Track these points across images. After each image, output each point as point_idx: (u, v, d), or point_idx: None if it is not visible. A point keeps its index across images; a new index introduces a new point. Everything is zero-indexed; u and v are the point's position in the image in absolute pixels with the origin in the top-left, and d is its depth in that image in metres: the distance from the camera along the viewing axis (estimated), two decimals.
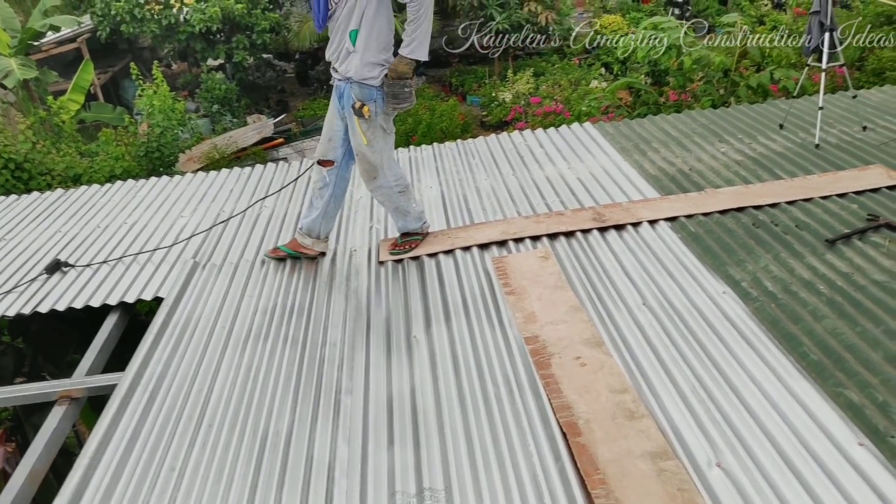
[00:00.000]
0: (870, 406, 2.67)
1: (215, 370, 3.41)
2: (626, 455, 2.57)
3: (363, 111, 3.82)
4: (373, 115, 3.85)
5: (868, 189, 4.28)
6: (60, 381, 3.70)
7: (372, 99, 3.85)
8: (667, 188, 4.68)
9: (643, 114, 8.93)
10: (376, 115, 3.87)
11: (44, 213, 5.71)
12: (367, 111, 3.82)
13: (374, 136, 3.92)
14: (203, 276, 4.30)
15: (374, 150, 3.95)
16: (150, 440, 3.00)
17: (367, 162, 3.99)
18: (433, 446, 2.76)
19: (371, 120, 3.86)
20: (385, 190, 4.09)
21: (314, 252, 4.31)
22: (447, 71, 16.78)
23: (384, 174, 4.03)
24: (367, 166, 4.01)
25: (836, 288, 3.38)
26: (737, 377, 2.90)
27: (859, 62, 11.58)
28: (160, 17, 13.77)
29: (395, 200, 4.14)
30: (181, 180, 6.04)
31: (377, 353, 3.38)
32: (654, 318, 3.34)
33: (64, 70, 14.72)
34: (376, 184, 4.07)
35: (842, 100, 6.02)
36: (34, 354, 5.74)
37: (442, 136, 11.86)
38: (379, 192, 4.12)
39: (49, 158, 9.37)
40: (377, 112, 3.87)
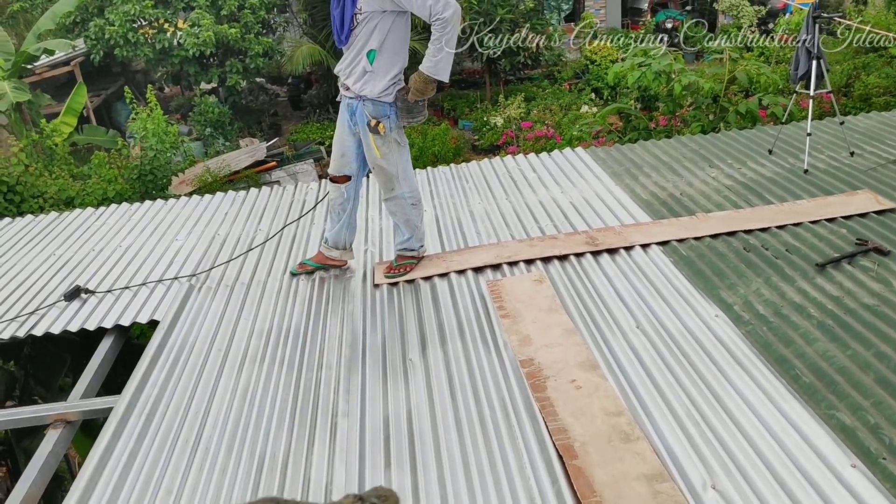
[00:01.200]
0: (862, 428, 2.70)
1: (212, 393, 3.42)
2: (622, 478, 2.59)
3: (378, 128, 3.87)
4: (387, 131, 3.91)
5: (856, 214, 4.35)
6: (55, 404, 3.70)
7: (386, 115, 3.90)
8: (658, 213, 4.73)
9: (634, 139, 9.02)
10: (391, 131, 3.93)
11: (37, 236, 5.71)
12: (383, 128, 3.88)
13: (389, 150, 3.98)
14: (199, 299, 4.31)
15: (389, 163, 4.02)
16: (147, 463, 3.00)
17: (385, 174, 4.06)
18: (430, 469, 2.77)
19: (386, 135, 3.92)
20: (399, 201, 4.15)
21: (342, 263, 4.40)
22: (439, 95, 16.90)
23: (400, 185, 4.09)
24: (385, 178, 4.08)
25: (826, 311, 3.43)
26: (730, 400, 2.93)
27: (846, 88, 11.77)
28: (154, 40, 13.84)
29: (408, 213, 4.19)
30: (175, 203, 6.07)
31: (373, 376, 3.39)
32: (647, 342, 3.37)
33: (57, 93, 14.74)
34: (392, 194, 4.13)
35: (829, 126, 6.11)
36: (26, 378, 5.71)
37: (434, 159, 11.94)
38: (393, 202, 4.17)
39: (41, 181, 9.36)
40: (391, 128, 3.93)
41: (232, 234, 5.20)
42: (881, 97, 11.07)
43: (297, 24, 16.86)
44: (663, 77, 9.09)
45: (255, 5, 14.52)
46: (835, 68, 11.76)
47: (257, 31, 14.56)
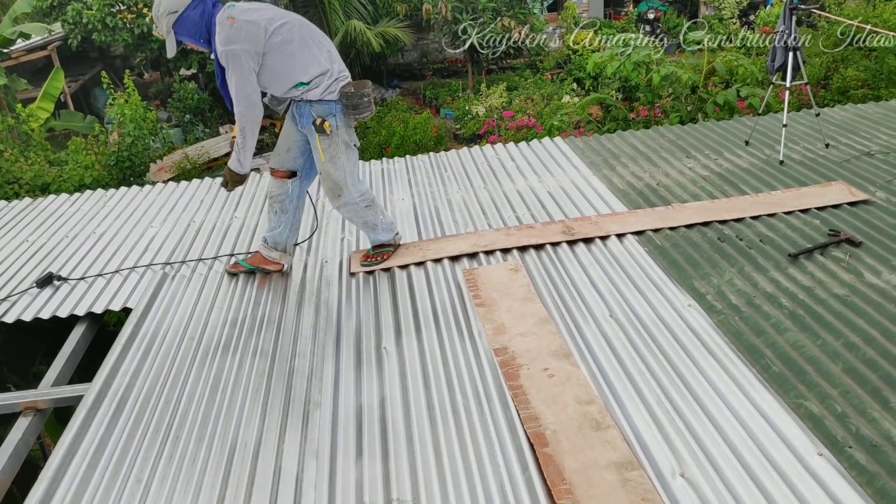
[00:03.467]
0: (829, 417, 2.73)
1: (183, 382, 3.39)
2: (592, 465, 2.60)
3: (324, 127, 3.81)
4: (334, 130, 3.84)
5: (830, 205, 4.39)
6: (25, 392, 3.66)
7: (332, 113, 3.84)
8: (635, 202, 4.75)
9: (613, 129, 9.04)
10: (337, 130, 3.87)
11: (10, 222, 5.64)
12: (328, 126, 3.81)
13: (336, 153, 3.91)
14: (172, 287, 4.28)
15: (336, 167, 3.94)
16: (117, 452, 2.98)
17: (331, 180, 3.98)
18: (402, 457, 2.77)
19: (332, 135, 3.85)
20: (351, 206, 4.10)
21: (278, 266, 4.28)
22: (421, 84, 16.86)
23: (348, 191, 4.02)
24: (331, 184, 4.00)
25: (797, 301, 3.46)
26: (701, 388, 2.95)
27: (824, 80, 11.85)
28: (132, 25, 13.67)
29: (363, 215, 4.15)
30: (151, 190, 6.01)
31: (347, 365, 3.38)
32: (620, 331, 3.39)
33: (33, 78, 14.54)
34: (342, 201, 4.07)
35: (806, 117, 6.15)
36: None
37: (416, 148, 11.90)
38: (345, 208, 4.12)
39: (17, 167, 9.24)
40: (338, 126, 3.87)
41: (207, 222, 5.16)
42: (859, 90, 11.15)
43: None
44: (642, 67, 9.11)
45: None
46: (813, 61, 11.83)
47: None
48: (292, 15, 3.83)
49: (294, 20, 3.78)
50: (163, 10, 3.69)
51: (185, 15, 3.67)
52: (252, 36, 3.63)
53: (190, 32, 3.72)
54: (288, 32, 3.71)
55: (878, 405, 2.75)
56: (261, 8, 3.74)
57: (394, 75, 17.46)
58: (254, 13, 3.68)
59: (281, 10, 3.83)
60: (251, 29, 3.63)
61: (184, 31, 3.72)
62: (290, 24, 3.73)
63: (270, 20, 3.68)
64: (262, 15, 3.69)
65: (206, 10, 3.70)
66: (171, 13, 3.67)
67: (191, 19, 3.68)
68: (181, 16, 3.68)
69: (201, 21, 3.70)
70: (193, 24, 3.70)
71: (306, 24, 3.86)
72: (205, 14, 3.69)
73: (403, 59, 17.88)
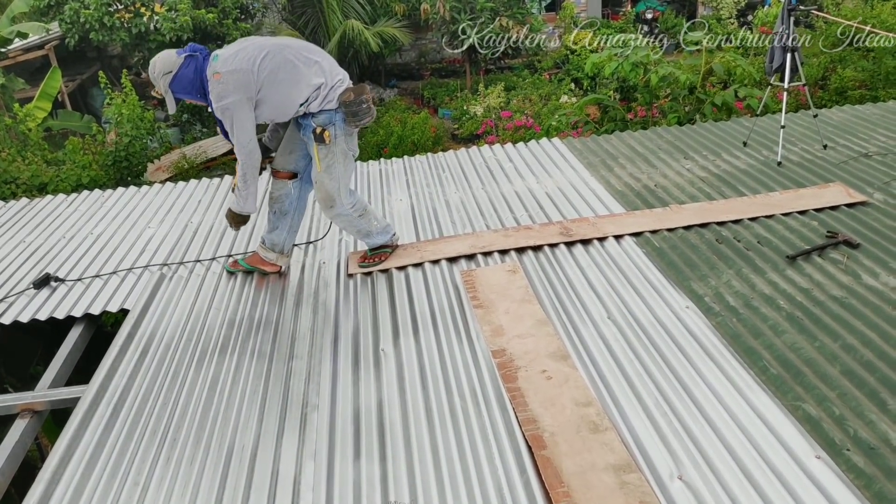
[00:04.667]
0: (827, 419, 2.73)
1: (181, 384, 3.39)
2: (590, 468, 2.60)
3: (323, 136, 3.81)
4: (333, 138, 3.85)
5: (828, 206, 4.39)
6: (22, 393, 3.65)
7: (332, 122, 3.84)
8: (632, 204, 4.75)
9: (610, 130, 9.04)
10: (336, 139, 3.86)
11: (7, 222, 5.64)
12: (328, 135, 3.81)
13: (333, 163, 3.91)
14: (170, 289, 4.27)
15: (331, 178, 3.94)
16: (114, 454, 2.97)
17: (324, 190, 3.98)
18: (399, 459, 2.77)
19: (331, 145, 3.85)
20: (344, 217, 4.10)
21: (275, 268, 4.28)
22: (419, 84, 16.85)
23: (341, 202, 4.02)
24: (324, 195, 4.00)
25: (795, 303, 3.46)
26: (699, 391, 2.95)
27: (822, 81, 11.85)
28: (130, 25, 13.63)
29: (356, 224, 4.15)
30: (149, 190, 6.01)
31: (345, 367, 3.38)
32: (618, 332, 3.39)
33: (31, 77, 14.50)
34: (334, 212, 4.07)
35: (803, 118, 6.16)
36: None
37: (413, 148, 11.89)
38: (338, 219, 4.13)
39: (14, 167, 9.22)
40: (337, 135, 3.86)
41: (205, 223, 5.16)
42: (857, 90, 11.16)
43: (275, 9, 16.70)
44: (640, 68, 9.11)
45: None
46: (811, 61, 11.84)
47: (235, 16, 14.39)
48: (271, 41, 3.85)
49: (273, 47, 3.79)
50: (158, 71, 3.78)
51: (179, 74, 3.76)
52: (241, 83, 3.69)
53: (186, 90, 3.81)
54: (272, 62, 3.73)
55: (875, 408, 2.75)
56: (241, 49, 3.77)
57: (392, 75, 17.45)
58: (236, 59, 3.71)
59: (259, 40, 3.85)
60: (238, 77, 3.68)
61: (180, 88, 3.81)
62: (270, 53, 3.75)
63: (253, 59, 3.71)
64: (244, 57, 3.72)
65: (199, 65, 3.77)
66: (167, 73, 3.77)
67: (185, 77, 3.77)
68: (176, 75, 3.76)
69: (196, 77, 3.77)
70: (189, 82, 3.78)
71: (287, 45, 3.86)
72: (198, 70, 3.77)
73: (401, 58, 17.87)
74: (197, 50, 3.81)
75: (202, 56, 3.80)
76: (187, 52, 3.80)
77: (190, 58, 3.77)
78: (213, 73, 3.71)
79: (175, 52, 3.82)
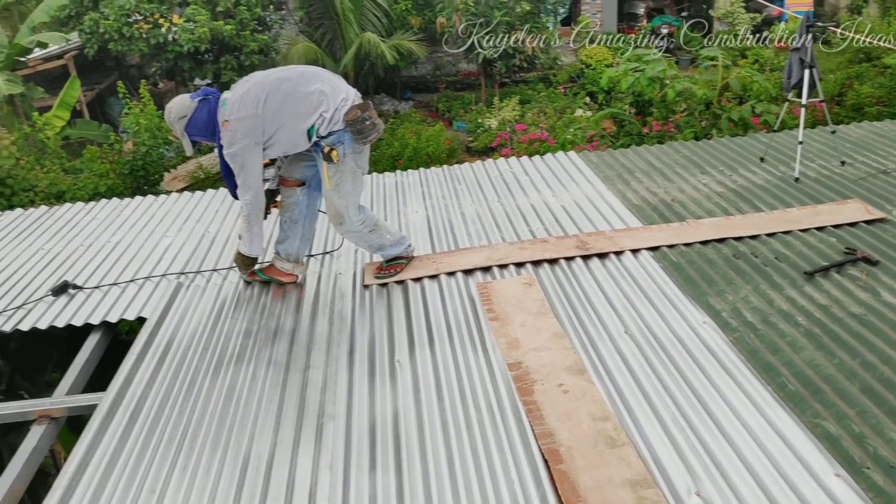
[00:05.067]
0: (846, 437, 2.71)
1: (197, 392, 3.40)
2: (607, 483, 2.59)
3: (332, 155, 3.85)
4: (342, 157, 3.88)
5: (846, 223, 4.37)
6: (39, 400, 3.67)
7: (340, 142, 3.88)
8: (649, 218, 4.74)
9: (626, 144, 9.04)
10: (345, 157, 3.90)
11: (27, 230, 5.69)
12: (336, 155, 3.85)
13: (341, 181, 3.95)
14: (187, 298, 4.29)
15: (340, 195, 3.97)
16: (131, 462, 2.98)
17: (334, 208, 4.03)
18: (415, 472, 2.77)
19: (340, 163, 3.89)
20: (354, 233, 4.14)
21: (292, 278, 4.31)
22: (434, 96, 16.91)
23: (350, 220, 4.06)
24: (334, 212, 4.05)
25: (814, 320, 3.44)
26: (716, 406, 2.94)
27: (839, 97, 11.81)
28: (149, 35, 13.76)
29: (367, 239, 4.19)
30: (166, 200, 6.05)
31: (360, 377, 3.38)
32: (635, 347, 3.38)
33: (50, 86, 14.65)
34: (344, 228, 4.12)
35: (821, 134, 6.14)
36: (12, 373, 5.69)
37: (428, 160, 11.92)
38: (349, 235, 4.18)
39: (33, 175, 9.32)
40: (345, 154, 3.90)
41: (222, 232, 5.19)
42: (874, 107, 11.11)
43: (293, 21, 16.83)
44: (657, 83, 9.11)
45: (252, 2, 14.47)
46: (828, 77, 11.80)
47: (253, 27, 14.51)
48: (270, 79, 3.90)
49: (272, 85, 3.85)
50: (173, 116, 3.93)
51: (194, 118, 3.91)
52: (248, 129, 3.79)
53: (202, 132, 3.95)
54: (274, 101, 3.82)
55: (895, 426, 2.73)
56: (245, 93, 3.84)
57: (407, 87, 17.52)
58: (242, 105, 3.80)
59: (259, 79, 3.90)
60: (245, 124, 3.79)
61: (196, 131, 3.95)
62: (271, 92, 3.82)
63: (257, 102, 3.79)
64: (248, 101, 3.80)
65: (211, 108, 3.90)
66: (182, 118, 3.91)
67: (200, 120, 3.91)
68: (191, 119, 3.90)
69: (209, 120, 3.90)
70: (203, 125, 3.92)
71: (285, 78, 3.91)
72: (211, 112, 3.90)
73: (417, 71, 17.95)
74: (209, 94, 3.94)
75: (214, 99, 3.92)
76: (200, 96, 3.93)
77: (203, 102, 3.91)
78: (223, 122, 3.83)
79: (189, 97, 3.94)
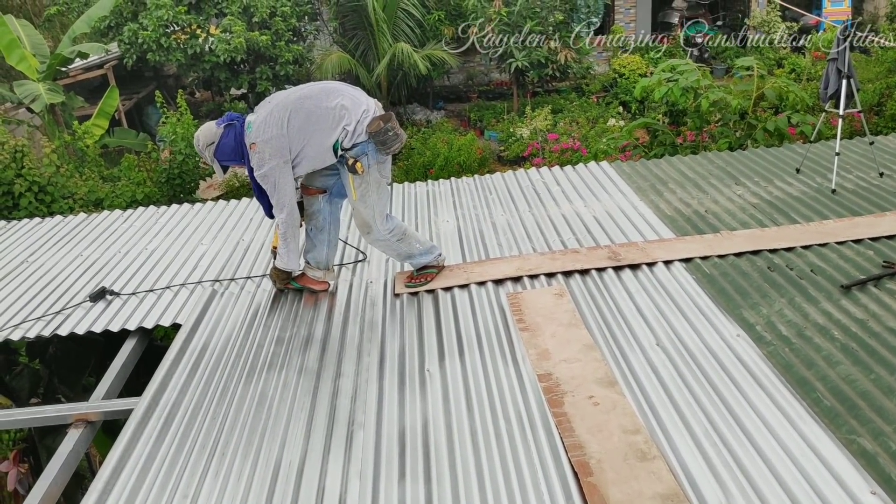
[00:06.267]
0: (883, 454, 2.66)
1: (230, 398, 3.44)
2: (637, 496, 2.57)
3: (357, 167, 3.89)
4: (366, 168, 3.92)
5: (884, 236, 4.29)
6: (77, 404, 3.75)
7: (364, 153, 3.91)
8: (682, 229, 4.70)
9: (660, 154, 8.97)
10: (369, 168, 3.93)
11: (66, 236, 5.80)
12: (361, 167, 3.89)
13: (367, 191, 3.98)
14: (221, 304, 4.35)
15: (366, 206, 4.01)
16: (164, 467, 3.03)
17: (361, 217, 4.08)
18: (444, 482, 2.77)
19: (365, 174, 3.93)
20: (382, 242, 4.18)
21: (324, 286, 4.35)
22: (466, 106, 16.96)
23: (377, 228, 4.09)
24: (361, 221, 4.10)
25: (850, 334, 3.38)
26: (749, 421, 2.90)
27: (878, 107, 11.62)
28: (186, 46, 14.01)
29: (396, 248, 4.21)
30: (202, 208, 6.13)
31: (390, 386, 3.40)
32: (667, 359, 3.35)
33: (90, 95, 14.97)
34: (372, 237, 4.16)
35: (859, 145, 6.04)
36: (50, 376, 5.80)
37: (459, 169, 11.95)
38: (377, 244, 4.22)
39: (72, 182, 9.52)
40: (370, 164, 3.93)
41: (256, 240, 5.25)
42: None
43: (327, 32, 17.00)
44: (691, 92, 9.04)
45: (287, 13, 14.66)
46: (867, 87, 11.62)
47: (288, 38, 14.69)
48: (292, 98, 3.95)
49: (294, 104, 3.91)
50: (202, 144, 4.04)
51: (221, 144, 4.01)
52: (276, 150, 3.86)
53: (230, 157, 4.05)
54: (297, 119, 3.88)
55: None
56: (269, 114, 3.90)
57: (439, 97, 17.59)
58: (267, 127, 3.87)
59: (282, 100, 3.96)
60: (272, 145, 3.86)
61: (224, 156, 4.05)
62: (294, 111, 3.88)
63: (281, 123, 3.86)
64: (273, 122, 3.87)
65: (238, 132, 3.99)
66: (210, 145, 4.02)
67: (228, 146, 4.01)
68: (219, 145, 4.00)
69: (237, 144, 3.99)
70: (231, 149, 4.01)
71: (306, 96, 3.96)
72: (238, 136, 3.98)
73: (449, 81, 18.01)
74: (234, 118, 4.03)
75: (239, 123, 4.00)
76: (225, 122, 4.02)
77: (229, 127, 4.00)
78: (250, 144, 3.91)
79: (215, 124, 4.04)
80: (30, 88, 11.63)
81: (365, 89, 4.17)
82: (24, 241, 5.79)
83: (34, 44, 12.71)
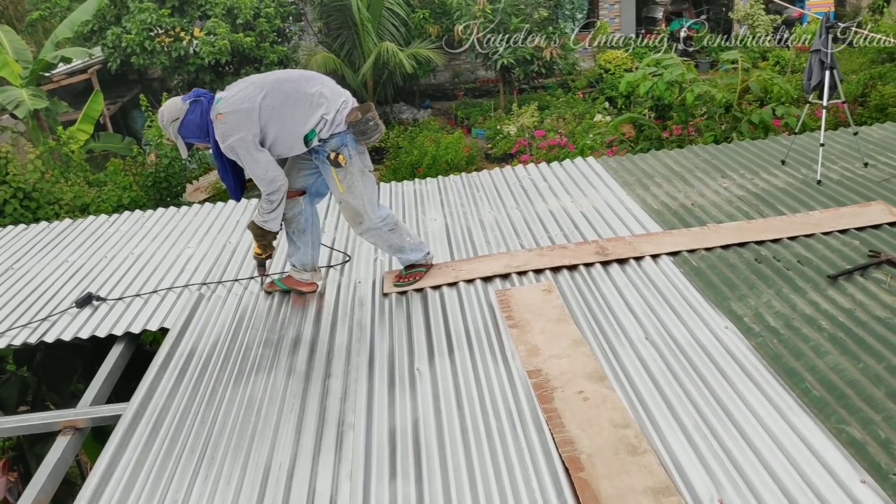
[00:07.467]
0: (872, 443, 2.67)
1: (219, 402, 3.42)
2: (629, 491, 2.57)
3: (339, 160, 3.87)
4: (348, 159, 3.90)
5: (869, 225, 4.31)
6: (65, 411, 3.72)
7: (344, 144, 3.89)
8: (669, 223, 4.71)
9: (646, 148, 8.99)
10: (351, 159, 3.91)
11: (51, 242, 5.76)
12: (343, 159, 3.87)
13: (353, 182, 3.96)
14: (208, 308, 4.33)
15: (354, 196, 3.99)
16: (153, 472, 3.01)
17: (351, 209, 4.04)
18: (435, 480, 2.76)
19: (347, 166, 3.91)
20: (374, 232, 4.14)
21: (312, 287, 4.33)
22: (453, 104, 16.95)
23: (369, 217, 4.07)
24: (352, 213, 4.06)
25: (838, 324, 3.39)
26: (739, 412, 2.91)
27: (862, 98, 11.69)
28: (170, 49, 13.94)
29: (387, 239, 4.18)
30: (188, 211, 6.10)
31: (380, 386, 3.39)
32: (656, 353, 3.35)
33: (74, 100, 14.88)
34: (363, 227, 4.12)
35: (843, 136, 6.07)
36: (38, 384, 5.76)
37: (447, 168, 11.94)
38: (368, 234, 4.17)
39: (57, 188, 9.45)
40: (352, 155, 3.91)
41: (243, 243, 5.22)
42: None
43: (311, 32, 16.97)
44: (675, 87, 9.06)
45: (271, 14, 14.61)
46: (850, 78, 11.68)
47: (272, 39, 14.65)
48: (270, 79, 3.93)
49: (272, 84, 3.87)
50: (166, 119, 3.96)
51: (186, 120, 3.92)
52: (243, 121, 3.79)
53: (195, 134, 3.97)
54: (273, 99, 3.82)
55: None
56: (242, 89, 3.87)
57: (426, 95, 17.59)
58: (237, 100, 3.81)
59: (258, 79, 3.93)
60: (240, 116, 3.79)
61: (189, 133, 3.96)
62: (270, 91, 3.84)
63: (253, 97, 3.81)
64: (244, 96, 3.82)
65: (203, 109, 3.91)
66: (174, 120, 3.94)
67: (192, 122, 3.92)
68: (183, 121, 3.92)
69: (202, 121, 3.92)
70: (196, 126, 3.93)
71: (285, 79, 3.94)
72: (203, 114, 3.91)
73: (435, 79, 18.01)
74: (201, 95, 3.95)
75: (207, 100, 3.93)
76: (192, 97, 3.95)
77: (195, 103, 3.92)
78: (216, 115, 3.84)
79: (181, 99, 3.96)
80: (13, 94, 11.56)
81: (351, 89, 4.17)
82: (10, 248, 5.74)
83: (16, 49, 12.62)
